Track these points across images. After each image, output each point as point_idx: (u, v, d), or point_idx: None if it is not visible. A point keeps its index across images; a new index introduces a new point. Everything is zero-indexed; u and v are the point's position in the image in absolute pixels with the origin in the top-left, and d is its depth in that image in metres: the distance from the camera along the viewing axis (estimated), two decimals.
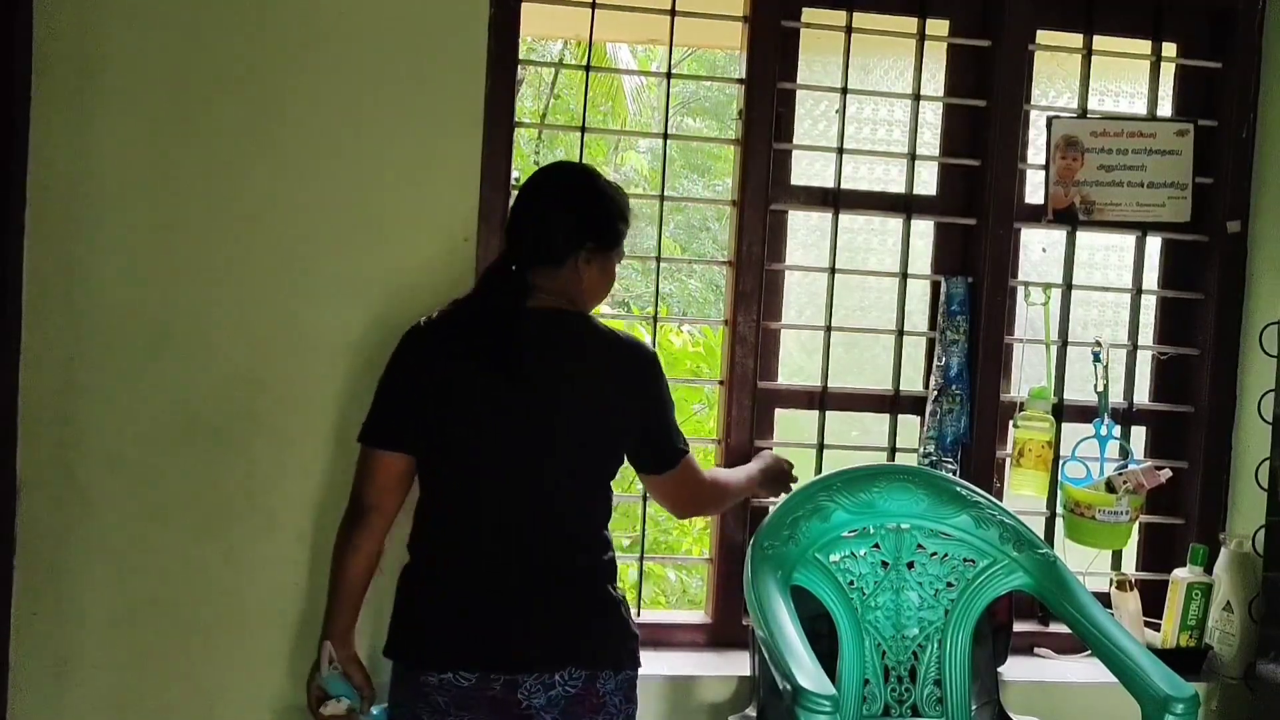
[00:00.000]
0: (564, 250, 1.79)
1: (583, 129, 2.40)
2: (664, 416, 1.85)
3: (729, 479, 2.11)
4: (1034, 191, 2.51)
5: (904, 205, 2.48)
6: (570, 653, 1.73)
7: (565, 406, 1.75)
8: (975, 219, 2.47)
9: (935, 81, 2.50)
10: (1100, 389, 2.42)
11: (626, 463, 1.88)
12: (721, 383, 2.41)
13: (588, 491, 1.80)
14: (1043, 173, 2.48)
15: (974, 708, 2.14)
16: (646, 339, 1.92)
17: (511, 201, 1.89)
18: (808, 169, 2.50)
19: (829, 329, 2.45)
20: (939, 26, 2.49)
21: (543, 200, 1.83)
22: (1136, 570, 2.60)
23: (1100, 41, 2.53)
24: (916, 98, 2.47)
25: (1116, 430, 2.44)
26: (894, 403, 2.50)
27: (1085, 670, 2.38)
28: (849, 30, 2.43)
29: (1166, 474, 2.35)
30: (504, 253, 1.84)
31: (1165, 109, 2.58)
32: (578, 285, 1.81)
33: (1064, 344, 2.52)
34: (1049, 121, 2.48)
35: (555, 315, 1.78)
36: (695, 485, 1.96)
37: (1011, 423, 2.47)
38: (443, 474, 1.78)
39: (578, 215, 1.81)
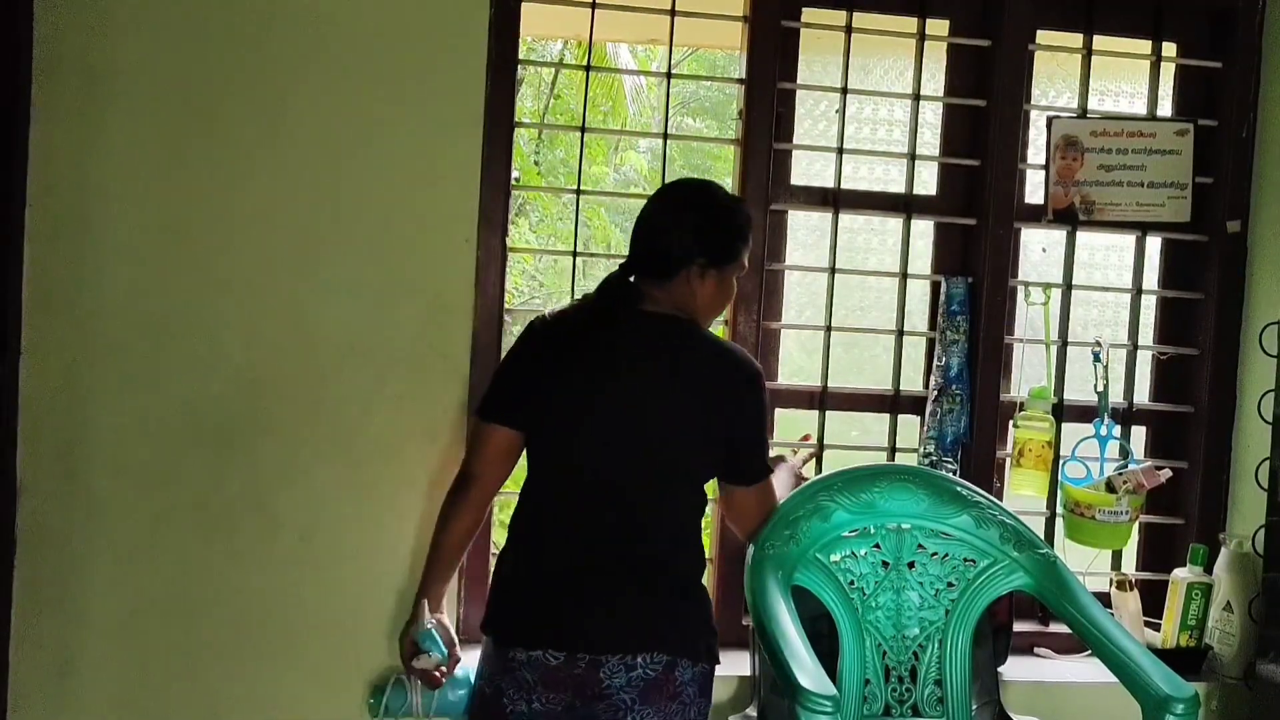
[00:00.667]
0: (674, 265, 1.84)
1: (583, 129, 2.40)
2: (756, 431, 1.90)
3: (784, 494, 2.13)
4: (1034, 191, 2.51)
5: (904, 205, 2.48)
6: (653, 637, 1.77)
7: (656, 407, 1.81)
8: (975, 219, 2.47)
9: (935, 81, 2.50)
10: (1100, 389, 2.42)
11: None
12: None
13: (673, 490, 1.84)
14: (1043, 173, 2.48)
15: (974, 708, 2.14)
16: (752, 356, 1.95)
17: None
18: (808, 169, 2.50)
19: (829, 329, 2.45)
20: (939, 26, 2.49)
21: (658, 215, 1.89)
22: (1136, 570, 2.60)
23: (1100, 41, 2.53)
24: (916, 98, 2.47)
25: (1116, 430, 2.44)
26: (894, 403, 2.50)
27: (1085, 670, 2.38)
28: (849, 30, 2.43)
29: (1166, 474, 2.35)
30: (623, 264, 1.89)
31: (1165, 109, 2.58)
32: (690, 299, 1.86)
33: (1064, 344, 2.52)
34: (1049, 121, 2.48)
35: (663, 321, 1.84)
36: (770, 499, 2.01)
37: (1011, 423, 2.47)
38: (542, 458, 1.86)
39: (689, 231, 1.85)
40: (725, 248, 1.87)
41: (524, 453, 1.89)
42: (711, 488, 1.95)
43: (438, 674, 1.88)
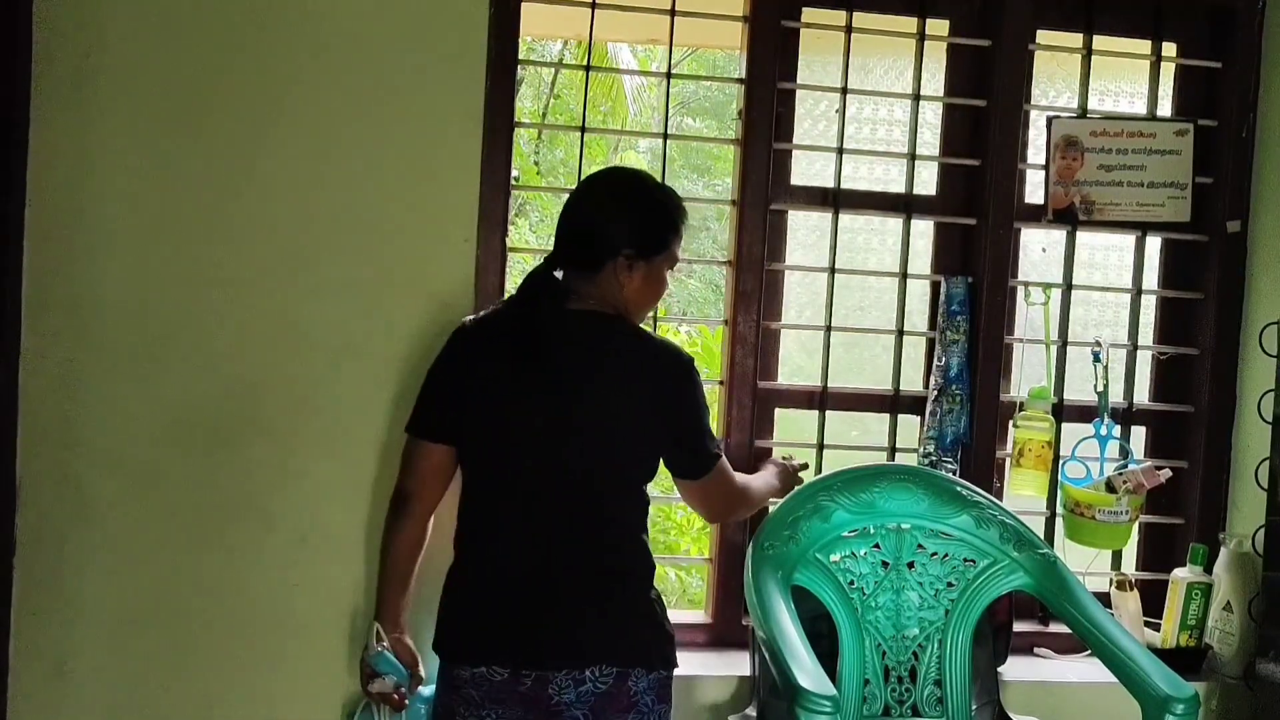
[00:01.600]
0: (600, 256, 1.80)
1: (583, 129, 2.40)
2: (696, 423, 1.85)
3: (757, 486, 2.11)
4: (1034, 191, 2.51)
5: (904, 205, 2.48)
6: (600, 650, 1.74)
7: (592, 408, 1.77)
8: (975, 219, 2.47)
9: (935, 81, 2.50)
10: (1100, 389, 2.42)
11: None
12: (721, 383, 2.41)
13: (617, 493, 1.81)
14: (1043, 173, 2.48)
15: (974, 708, 2.14)
16: (682, 345, 1.91)
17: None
18: (808, 169, 2.50)
19: (829, 329, 2.45)
20: (939, 26, 2.49)
21: (583, 205, 1.85)
22: (1136, 570, 2.60)
23: (1100, 41, 2.53)
24: (916, 98, 2.47)
25: (1116, 430, 2.44)
26: (894, 403, 2.50)
27: (1085, 670, 2.38)
28: (849, 30, 2.43)
29: (1166, 474, 2.35)
30: (548, 257, 1.85)
31: (1165, 109, 2.58)
32: (617, 291, 1.82)
33: (1064, 344, 2.52)
34: (1049, 121, 2.48)
35: (591, 318, 1.80)
36: (728, 491, 1.97)
37: (1011, 423, 2.47)
38: (477, 470, 1.83)
39: (616, 221, 1.81)
40: (654, 238, 1.83)
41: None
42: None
43: (396, 696, 1.86)
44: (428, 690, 1.91)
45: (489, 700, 1.74)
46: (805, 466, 2.27)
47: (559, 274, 1.85)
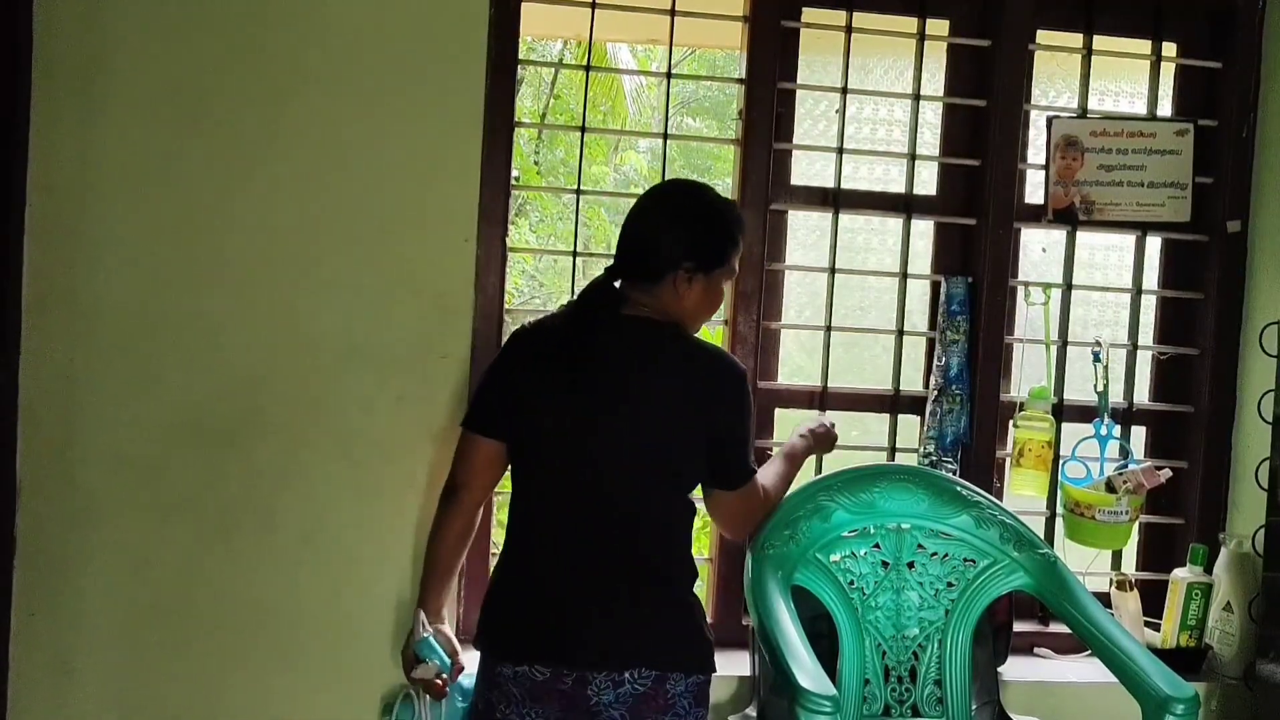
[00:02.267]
0: (660, 269, 1.82)
1: (583, 129, 2.41)
2: (742, 433, 1.88)
3: (778, 482, 2.08)
4: (1034, 191, 2.51)
5: (904, 205, 2.48)
6: (639, 653, 1.75)
7: (640, 414, 1.78)
8: (975, 219, 2.47)
9: (935, 81, 2.50)
10: (1100, 389, 2.42)
11: None
12: None
13: (660, 497, 1.82)
14: (1043, 173, 2.48)
15: (974, 708, 2.14)
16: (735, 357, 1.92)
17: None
18: (808, 169, 2.50)
19: (829, 329, 2.45)
20: (939, 26, 2.49)
21: (645, 216, 1.86)
22: (1136, 570, 2.60)
23: (1100, 41, 2.53)
24: (916, 98, 2.47)
25: (1116, 430, 2.44)
26: (894, 403, 2.50)
27: (1085, 670, 2.38)
28: (849, 30, 2.43)
29: (1166, 474, 2.35)
30: (609, 267, 1.87)
31: (1165, 109, 2.58)
32: (676, 303, 1.84)
33: (1064, 344, 2.52)
34: (1049, 121, 2.48)
35: (645, 325, 1.82)
36: (756, 503, 1.98)
37: (1011, 423, 2.47)
38: (526, 469, 1.85)
39: (677, 235, 1.82)
40: (714, 252, 1.84)
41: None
42: (697, 490, 1.93)
43: (439, 682, 1.88)
44: (467, 681, 1.92)
45: (529, 698, 1.76)
46: (831, 427, 2.22)
47: (618, 284, 1.86)
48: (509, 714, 1.76)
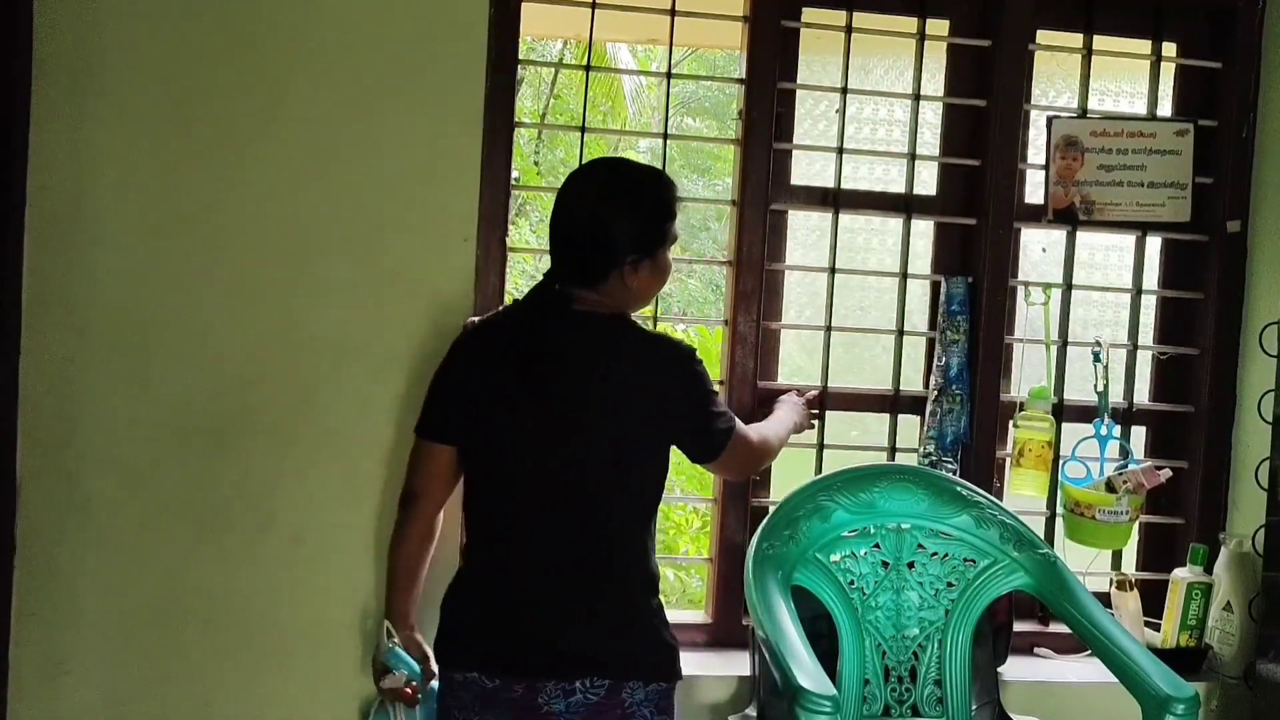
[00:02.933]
0: (603, 269, 1.78)
1: (583, 129, 2.40)
2: (703, 408, 1.84)
3: (775, 432, 2.08)
4: (1034, 191, 2.51)
5: (904, 205, 2.48)
6: (589, 662, 1.72)
7: (594, 413, 1.76)
8: (975, 219, 2.47)
9: (935, 81, 2.50)
10: (1100, 389, 2.42)
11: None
12: (722, 383, 2.41)
13: (618, 499, 1.79)
14: (1043, 173, 2.48)
15: (974, 708, 2.14)
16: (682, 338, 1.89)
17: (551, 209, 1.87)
18: (808, 169, 2.50)
19: (829, 329, 2.45)
20: (939, 26, 2.49)
21: (575, 219, 1.80)
22: (1136, 570, 2.60)
23: (1100, 41, 2.53)
24: (916, 98, 2.47)
25: (1116, 430, 2.44)
26: (894, 403, 2.50)
27: (1085, 670, 2.38)
28: (849, 30, 2.43)
29: (1166, 474, 2.35)
30: (548, 272, 1.82)
31: (1165, 109, 2.58)
32: (624, 294, 1.81)
33: (1064, 344, 2.52)
34: (1049, 121, 2.48)
35: (594, 320, 1.78)
36: (748, 453, 1.95)
37: (1011, 423, 2.47)
38: (476, 474, 1.83)
39: (613, 232, 1.76)
40: (655, 235, 1.79)
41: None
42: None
43: (408, 690, 1.87)
44: (438, 686, 1.91)
45: (480, 705, 1.74)
46: (819, 394, 2.23)
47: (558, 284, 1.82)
48: (464, 718, 1.76)
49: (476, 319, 1.89)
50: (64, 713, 2.07)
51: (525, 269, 8.33)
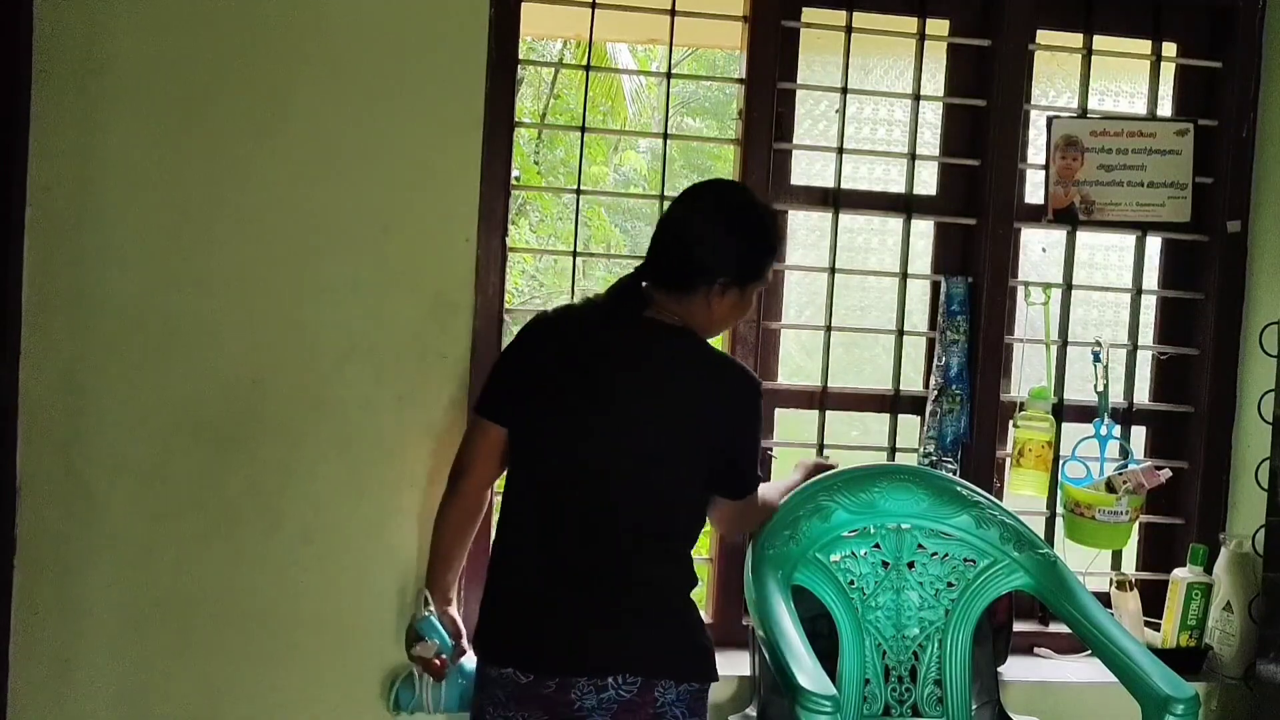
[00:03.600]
0: (695, 280, 1.78)
1: (583, 129, 2.41)
2: (751, 449, 1.87)
3: (772, 497, 2.09)
4: (1034, 191, 2.51)
5: (904, 205, 2.48)
6: (623, 660, 1.72)
7: (651, 420, 1.75)
8: (975, 219, 2.47)
9: (935, 81, 2.50)
10: (1100, 389, 2.42)
11: None
12: None
13: (664, 505, 1.78)
14: (1043, 173, 2.48)
15: (974, 707, 2.14)
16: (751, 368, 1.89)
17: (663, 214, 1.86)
18: (808, 169, 2.50)
19: (829, 329, 2.45)
20: (939, 26, 2.49)
21: (688, 225, 1.80)
22: (1136, 570, 2.60)
23: (1100, 41, 2.53)
24: (916, 98, 2.47)
25: (1116, 430, 2.44)
26: (894, 403, 2.50)
27: (1085, 670, 2.38)
28: (849, 30, 2.43)
29: (1166, 474, 2.35)
30: (639, 267, 1.82)
31: (1165, 109, 2.58)
32: (705, 313, 1.80)
33: (1064, 344, 2.52)
34: (1049, 121, 2.48)
35: (664, 330, 1.78)
36: (753, 511, 1.99)
37: (1011, 423, 2.47)
38: (526, 461, 1.82)
39: (718, 248, 1.77)
40: (754, 266, 1.80)
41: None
42: None
43: (437, 662, 1.88)
44: (469, 663, 1.92)
45: (514, 701, 1.74)
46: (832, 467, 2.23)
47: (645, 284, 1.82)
48: (495, 717, 1.76)
49: (551, 307, 1.88)
50: (68, 712, 2.07)
51: (525, 269, 8.33)
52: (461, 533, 1.91)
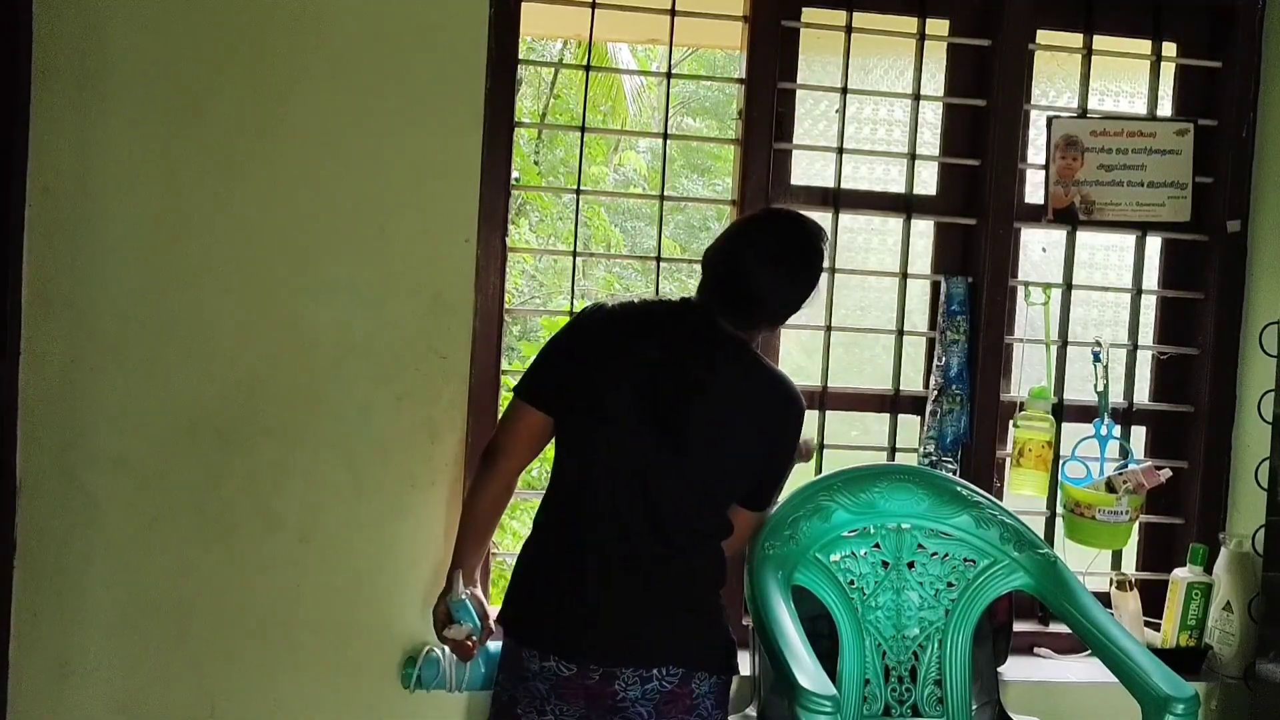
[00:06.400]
0: (759, 323, 1.85)
1: (583, 129, 2.41)
2: (786, 466, 1.92)
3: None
4: (1034, 191, 2.51)
5: (904, 205, 2.48)
6: (669, 650, 1.75)
7: (703, 421, 1.77)
8: (975, 219, 2.47)
9: (935, 81, 2.50)
10: (1100, 389, 2.42)
11: None
12: None
13: (705, 506, 1.82)
14: (1043, 173, 2.48)
15: (974, 708, 2.14)
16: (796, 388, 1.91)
17: (724, 242, 1.86)
18: (808, 169, 2.50)
19: (829, 329, 2.45)
20: (939, 26, 2.49)
21: (754, 271, 1.79)
22: (1136, 570, 2.60)
23: (1100, 41, 2.53)
24: (916, 98, 2.47)
25: (1116, 430, 2.44)
26: (894, 403, 2.50)
27: (1085, 670, 2.38)
28: (849, 30, 2.43)
29: (1166, 474, 2.35)
30: (701, 292, 1.84)
31: (1165, 109, 2.58)
32: (754, 337, 1.87)
33: (1064, 344, 2.52)
34: (1049, 121, 2.48)
35: (729, 340, 1.81)
36: (761, 525, 2.02)
37: (1011, 423, 2.47)
38: (573, 452, 1.81)
39: (788, 299, 1.83)
40: (808, 297, 1.86)
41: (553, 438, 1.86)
42: None
43: (469, 644, 1.87)
44: (493, 645, 1.92)
45: (554, 695, 1.75)
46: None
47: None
48: (529, 710, 1.76)
49: (610, 299, 1.87)
50: (68, 713, 2.07)
51: (525, 269, 8.33)
52: (494, 513, 1.90)
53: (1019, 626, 2.41)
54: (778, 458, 1.88)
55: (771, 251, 1.81)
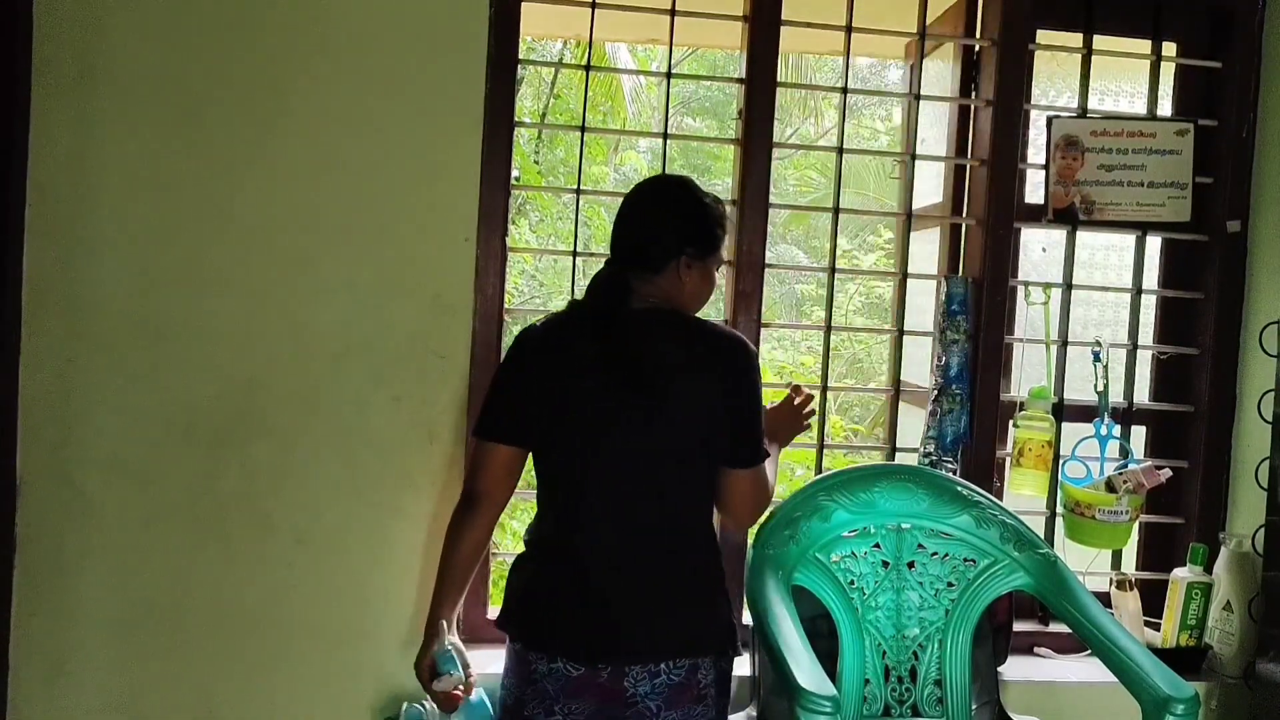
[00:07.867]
0: (663, 257, 1.84)
1: (583, 129, 2.41)
2: (755, 407, 1.88)
3: (771, 469, 2.02)
4: (1034, 191, 2.51)
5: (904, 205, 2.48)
6: (674, 644, 1.77)
7: (673, 401, 1.78)
8: (975, 219, 2.47)
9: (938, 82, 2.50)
10: (1100, 389, 2.42)
11: None
12: None
13: (695, 484, 1.83)
14: (1043, 173, 2.48)
15: (974, 707, 2.14)
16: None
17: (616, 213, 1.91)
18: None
19: (829, 329, 2.45)
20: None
21: (641, 210, 1.88)
22: (1136, 570, 2.60)
23: (1100, 41, 2.53)
24: (917, 98, 2.47)
25: (1116, 430, 2.44)
26: (894, 402, 2.49)
27: (1085, 670, 2.38)
28: (849, 30, 2.43)
29: (1166, 474, 2.35)
30: (609, 261, 1.87)
31: (1165, 109, 2.58)
32: (679, 290, 1.86)
33: (1064, 344, 2.52)
34: (1049, 121, 2.48)
35: (655, 314, 1.82)
36: (763, 486, 1.92)
37: (1011, 422, 2.47)
38: (555, 468, 1.83)
39: (674, 224, 1.85)
40: (709, 239, 1.87)
41: (529, 464, 1.86)
42: None
43: (457, 693, 1.86)
44: (475, 697, 1.90)
45: (564, 695, 1.76)
46: (809, 399, 2.15)
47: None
48: (537, 710, 1.77)
49: (536, 322, 1.88)
50: (65, 713, 2.07)
51: (525, 269, 8.33)
52: (473, 563, 1.88)
53: (1019, 626, 2.41)
54: (741, 401, 1.84)
55: (648, 190, 1.91)
